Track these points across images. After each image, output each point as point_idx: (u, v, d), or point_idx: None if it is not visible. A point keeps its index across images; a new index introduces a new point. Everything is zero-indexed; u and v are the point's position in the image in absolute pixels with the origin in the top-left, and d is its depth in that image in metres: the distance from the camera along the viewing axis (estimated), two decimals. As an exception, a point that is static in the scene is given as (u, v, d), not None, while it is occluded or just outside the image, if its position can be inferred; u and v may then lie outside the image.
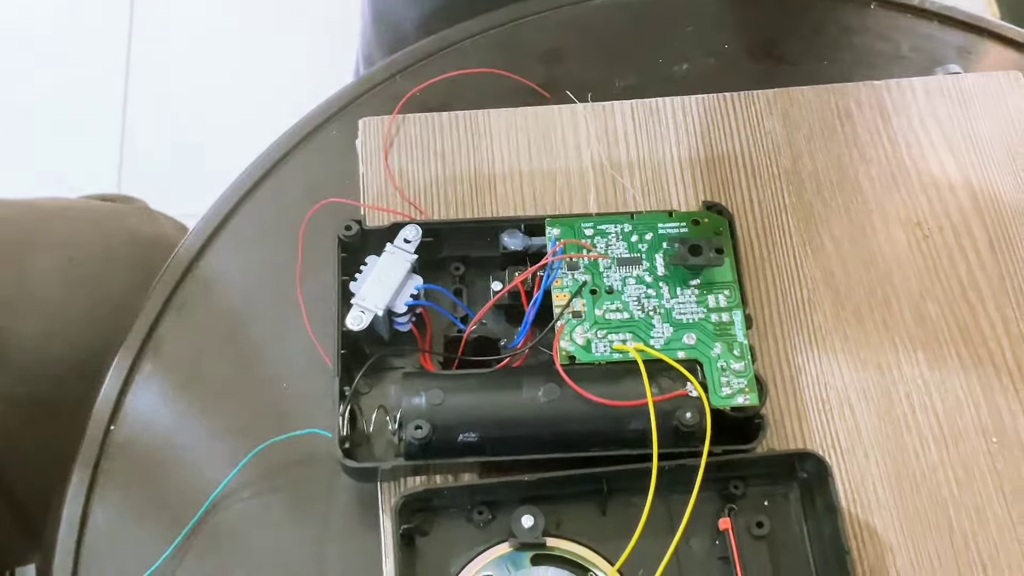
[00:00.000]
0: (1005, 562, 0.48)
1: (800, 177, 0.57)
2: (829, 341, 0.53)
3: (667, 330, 0.49)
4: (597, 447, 0.47)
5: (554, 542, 0.46)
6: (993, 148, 0.58)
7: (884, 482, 0.49)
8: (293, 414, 0.51)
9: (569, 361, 0.48)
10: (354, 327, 0.48)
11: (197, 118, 1.28)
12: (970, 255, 0.55)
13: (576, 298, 0.49)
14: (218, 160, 0.68)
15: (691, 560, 0.47)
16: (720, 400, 0.47)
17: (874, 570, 0.48)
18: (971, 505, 0.49)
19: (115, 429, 0.51)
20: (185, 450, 0.51)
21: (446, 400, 0.46)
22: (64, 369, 0.62)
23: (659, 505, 0.47)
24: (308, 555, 0.49)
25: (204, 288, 0.55)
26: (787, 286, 0.54)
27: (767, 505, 0.48)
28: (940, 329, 0.53)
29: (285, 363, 0.52)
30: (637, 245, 0.51)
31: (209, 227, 0.56)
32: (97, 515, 0.49)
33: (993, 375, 0.52)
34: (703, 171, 0.57)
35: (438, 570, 0.46)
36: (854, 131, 0.58)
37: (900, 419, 0.51)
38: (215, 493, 0.49)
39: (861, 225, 0.55)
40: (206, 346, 0.53)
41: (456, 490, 0.47)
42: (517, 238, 0.51)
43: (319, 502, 0.49)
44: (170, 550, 0.48)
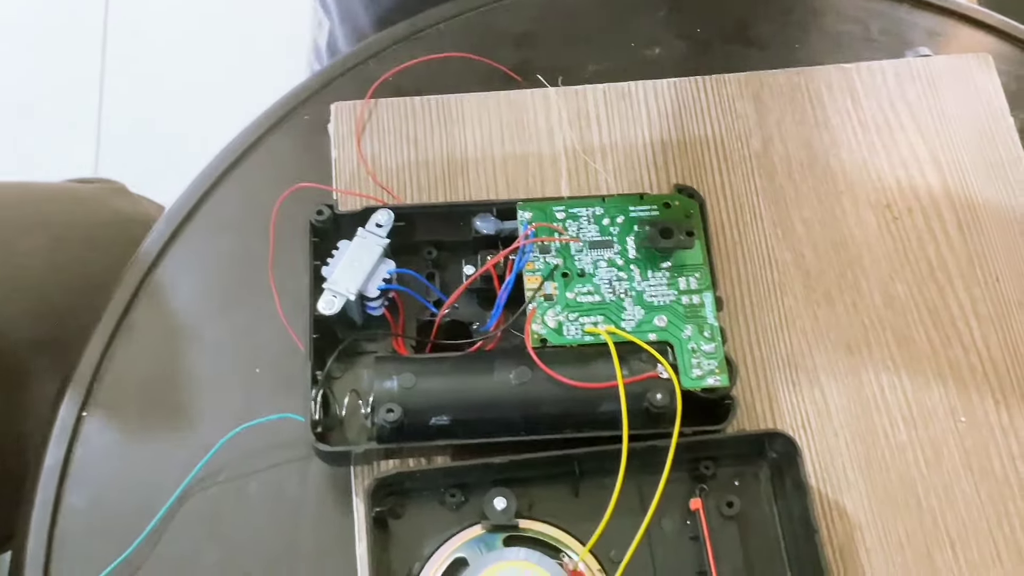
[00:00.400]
0: (973, 539, 0.49)
1: (771, 160, 0.57)
2: (799, 322, 0.53)
3: (638, 312, 0.49)
4: (569, 429, 0.47)
5: (526, 524, 0.47)
6: (962, 130, 0.58)
7: (853, 461, 0.50)
8: (266, 399, 0.51)
9: (541, 344, 0.48)
10: (326, 311, 0.48)
11: (173, 103, 1.28)
12: (939, 236, 0.55)
13: (548, 281, 0.50)
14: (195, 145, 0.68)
15: (662, 540, 0.47)
16: (691, 381, 0.48)
17: (843, 548, 0.48)
18: (939, 484, 0.50)
19: (87, 414, 0.51)
20: (158, 435, 0.51)
21: (418, 383, 0.47)
22: (55, 346, 0.62)
23: (631, 486, 0.47)
24: (282, 538, 0.49)
25: (176, 273, 0.55)
26: (758, 268, 0.54)
27: (737, 485, 0.48)
28: (909, 310, 0.53)
29: (258, 348, 0.52)
30: (608, 228, 0.51)
31: (181, 212, 0.56)
32: (72, 499, 0.49)
33: (961, 355, 0.53)
34: (675, 154, 0.57)
35: (411, 552, 0.46)
36: (825, 114, 0.58)
37: (869, 399, 0.51)
38: (189, 478, 0.49)
39: (831, 208, 0.56)
40: (179, 331, 0.53)
41: (428, 473, 0.47)
42: (489, 222, 0.51)
43: (293, 486, 0.50)
44: (143, 535, 0.48)
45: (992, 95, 0.60)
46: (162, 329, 0.53)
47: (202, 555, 0.48)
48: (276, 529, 0.49)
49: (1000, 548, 0.49)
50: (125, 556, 0.48)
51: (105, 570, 0.47)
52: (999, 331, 0.53)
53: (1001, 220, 0.56)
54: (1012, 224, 0.56)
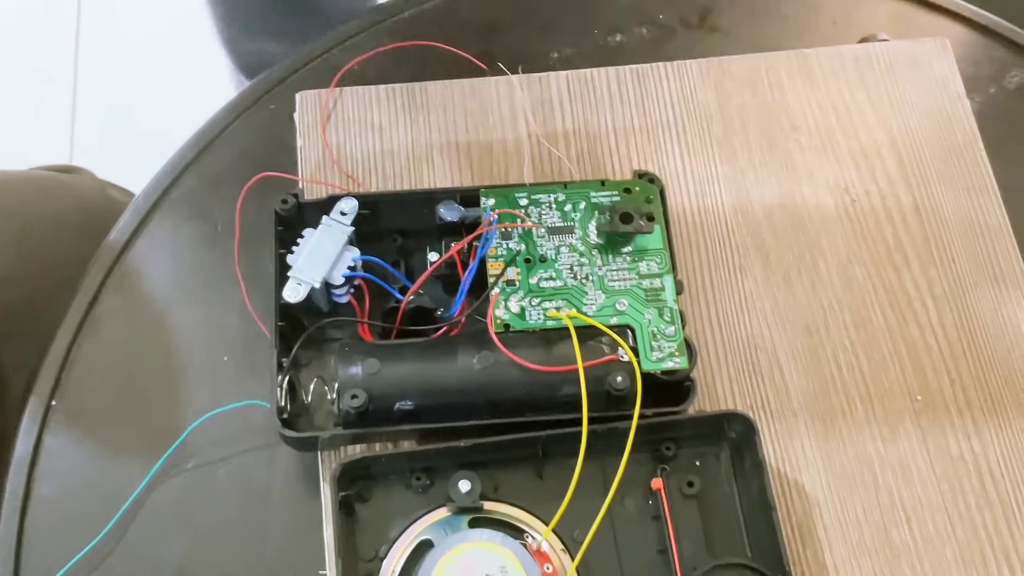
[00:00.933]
0: (928, 515, 0.50)
1: (732, 145, 0.58)
2: (759, 305, 0.54)
3: (600, 297, 0.50)
4: (532, 412, 0.48)
5: (491, 506, 0.48)
6: (919, 114, 0.59)
7: (812, 440, 0.51)
8: (234, 386, 0.51)
9: (504, 329, 0.49)
10: (291, 299, 0.48)
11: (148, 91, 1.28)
12: (896, 218, 0.56)
13: (511, 267, 0.50)
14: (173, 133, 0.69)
15: (624, 519, 0.48)
16: (651, 364, 0.49)
17: (801, 525, 0.49)
18: (896, 462, 0.51)
19: (56, 404, 0.51)
20: (127, 423, 0.51)
21: (382, 369, 0.47)
22: (21, 335, 0.62)
23: (594, 467, 0.48)
24: (250, 524, 0.49)
25: (143, 263, 0.55)
26: (718, 252, 0.55)
27: (698, 465, 0.49)
28: (867, 291, 0.54)
29: (225, 335, 0.53)
30: (570, 214, 0.52)
31: (148, 201, 0.56)
32: (41, 489, 0.50)
33: (918, 335, 0.54)
34: (637, 140, 0.58)
35: (378, 536, 0.47)
36: (784, 99, 0.59)
37: (828, 379, 0.52)
38: (157, 466, 0.49)
39: (791, 192, 0.57)
40: (146, 320, 0.54)
41: (394, 457, 0.48)
42: (453, 209, 0.52)
43: (261, 472, 0.50)
44: (112, 523, 0.48)
45: (949, 79, 0.60)
46: (130, 318, 0.54)
47: (171, 542, 0.49)
48: (244, 515, 0.50)
49: (955, 524, 0.50)
50: (94, 544, 0.48)
51: (74, 558, 0.48)
52: (955, 311, 0.54)
53: (957, 202, 0.57)
54: (968, 206, 0.57)
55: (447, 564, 0.44)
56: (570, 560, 0.47)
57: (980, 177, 0.58)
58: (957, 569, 0.49)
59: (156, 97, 1.27)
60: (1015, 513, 0.50)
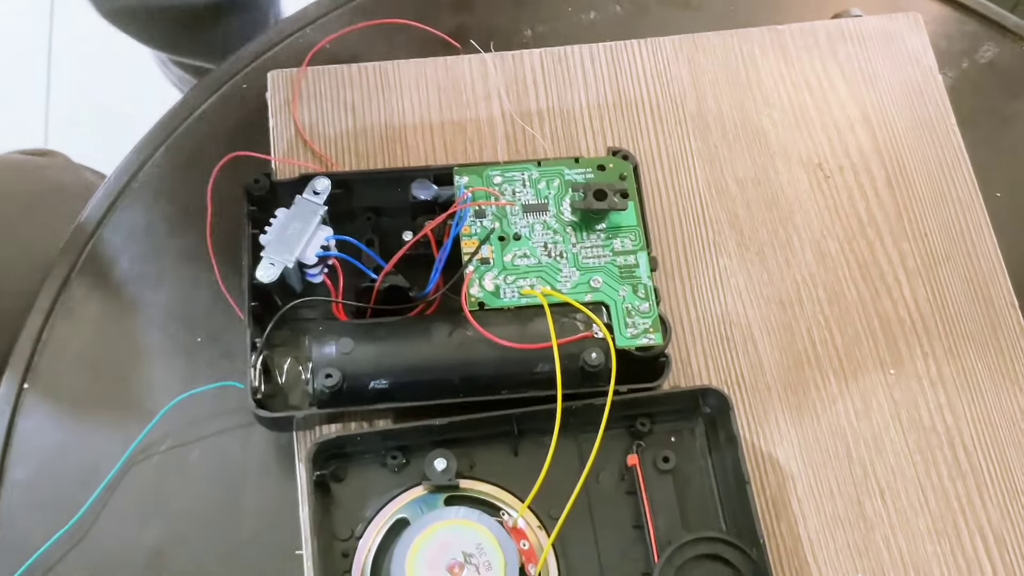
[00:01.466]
0: (901, 486, 0.50)
1: (705, 121, 0.58)
2: (733, 281, 0.54)
3: (574, 274, 0.50)
4: (507, 390, 0.48)
5: (467, 483, 0.48)
6: (892, 89, 0.59)
7: (786, 414, 0.51)
8: (208, 367, 0.51)
9: (478, 307, 0.49)
10: (264, 279, 0.48)
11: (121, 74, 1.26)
12: (869, 193, 0.56)
13: (484, 245, 0.50)
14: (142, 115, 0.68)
15: (600, 495, 0.48)
16: (625, 340, 0.49)
17: (776, 498, 0.50)
18: (869, 434, 0.51)
19: (28, 387, 0.51)
20: (101, 406, 0.51)
21: (356, 348, 0.47)
22: None
23: (570, 444, 0.49)
24: (226, 505, 0.49)
25: (115, 244, 0.55)
26: (693, 229, 0.55)
27: (673, 441, 0.49)
28: (840, 266, 0.55)
29: (198, 316, 0.53)
30: (544, 191, 0.52)
31: (119, 183, 0.56)
32: (15, 472, 0.50)
33: (891, 308, 0.54)
34: (610, 117, 0.58)
35: (353, 514, 0.47)
36: (758, 75, 0.59)
37: (802, 353, 0.53)
38: (131, 448, 0.49)
39: (764, 167, 0.57)
40: (118, 302, 0.54)
41: (369, 436, 0.48)
42: (427, 188, 0.52)
43: (236, 453, 0.50)
44: (87, 505, 0.48)
45: (922, 54, 0.61)
46: (102, 299, 0.53)
47: (147, 523, 0.49)
48: (220, 496, 0.49)
49: (928, 495, 0.50)
50: (69, 526, 0.48)
51: (49, 540, 0.48)
52: (927, 285, 0.54)
53: (930, 177, 0.57)
54: (940, 181, 0.57)
55: (423, 542, 0.44)
56: (546, 536, 0.47)
57: (952, 152, 0.58)
58: (931, 540, 0.49)
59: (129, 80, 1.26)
60: (987, 484, 0.50)
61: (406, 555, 0.44)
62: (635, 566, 0.47)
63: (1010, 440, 0.51)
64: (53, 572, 0.47)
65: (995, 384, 0.53)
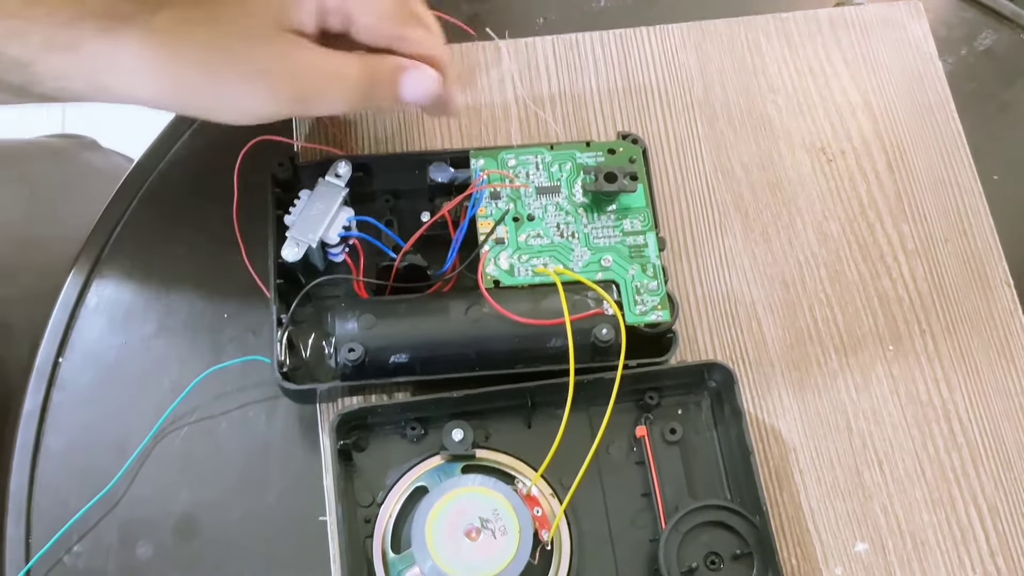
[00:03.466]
0: (899, 457, 0.52)
1: (712, 107, 0.60)
2: (738, 261, 0.56)
3: (585, 253, 0.52)
4: (521, 364, 0.50)
5: (483, 453, 0.50)
6: (894, 75, 0.61)
7: (788, 389, 0.53)
8: (234, 343, 0.53)
9: (494, 285, 0.51)
10: (289, 258, 0.50)
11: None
12: (870, 177, 0.58)
13: (499, 225, 0.52)
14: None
15: (610, 465, 0.50)
16: (635, 317, 0.51)
17: (778, 469, 0.52)
18: (868, 408, 0.53)
19: (63, 361, 0.53)
20: (132, 378, 0.53)
21: (378, 324, 0.49)
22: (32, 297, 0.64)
23: (581, 417, 0.51)
24: (253, 474, 0.51)
25: (146, 224, 0.57)
26: (699, 210, 0.57)
27: (680, 413, 0.52)
28: (841, 246, 0.57)
29: (225, 294, 0.55)
30: (556, 174, 0.54)
31: (149, 166, 0.58)
32: (49, 442, 0.52)
33: (890, 287, 0.56)
34: (620, 102, 0.60)
35: (375, 482, 0.49)
36: (763, 61, 0.61)
37: (803, 331, 0.55)
38: (162, 419, 0.51)
39: (769, 151, 0.59)
40: (148, 280, 0.55)
41: (390, 408, 0.50)
42: (443, 170, 0.54)
43: (261, 424, 0.52)
44: (120, 474, 0.50)
45: (922, 41, 0.62)
46: (132, 278, 0.55)
47: (176, 491, 0.51)
48: (247, 465, 0.52)
49: (924, 466, 0.52)
50: (103, 494, 0.50)
51: (84, 507, 0.50)
52: (925, 265, 0.56)
53: (929, 161, 0.59)
54: (939, 164, 0.59)
55: (442, 508, 0.46)
56: (559, 504, 0.49)
57: (951, 136, 0.60)
58: (927, 509, 0.51)
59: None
60: (981, 456, 0.52)
61: (426, 520, 0.46)
62: (643, 532, 0.49)
63: (1004, 413, 0.53)
64: (89, 535, 0.50)
65: (990, 360, 0.55)
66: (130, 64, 0.41)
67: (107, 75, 0.41)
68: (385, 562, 0.48)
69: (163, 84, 0.42)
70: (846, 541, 0.51)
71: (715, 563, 0.48)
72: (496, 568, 0.45)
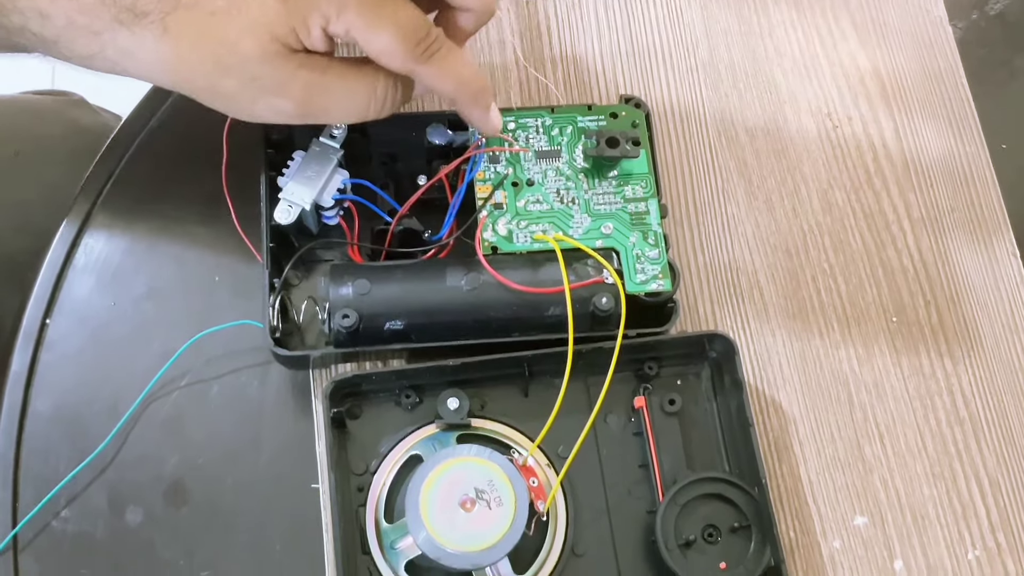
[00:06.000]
0: (900, 431, 0.52)
1: (717, 70, 0.59)
2: (741, 229, 0.55)
3: (585, 220, 0.51)
4: (518, 332, 0.49)
5: (479, 423, 0.49)
6: (902, 41, 0.60)
7: (789, 360, 0.53)
8: (226, 306, 0.52)
9: (491, 251, 0.50)
10: (282, 221, 0.49)
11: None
12: (876, 144, 0.57)
13: (498, 190, 0.51)
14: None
15: (608, 436, 0.50)
16: (635, 286, 0.50)
17: (778, 441, 0.51)
18: (870, 380, 0.53)
19: (51, 322, 0.52)
20: (121, 342, 0.52)
21: (372, 290, 0.48)
22: (16, 257, 0.62)
23: (579, 386, 0.50)
24: (244, 439, 0.51)
25: (132, 185, 0.55)
26: (702, 176, 0.56)
27: (679, 384, 0.51)
28: (846, 215, 0.56)
29: (216, 257, 0.54)
30: (557, 138, 0.52)
31: (137, 124, 0.57)
32: (36, 404, 0.51)
33: (895, 257, 0.55)
34: (623, 65, 0.58)
35: (368, 450, 0.48)
36: (769, 24, 0.60)
37: (806, 300, 0.54)
38: (151, 383, 0.50)
39: (774, 117, 0.58)
40: (136, 242, 0.54)
41: (384, 375, 0.49)
42: (442, 133, 0.52)
43: (253, 390, 0.51)
44: (109, 437, 0.50)
45: (932, 5, 0.61)
46: (121, 239, 0.54)
47: (166, 456, 0.50)
48: (238, 430, 0.51)
49: (925, 439, 0.52)
50: (92, 457, 0.49)
51: (73, 471, 0.49)
52: (931, 235, 0.55)
53: (937, 128, 0.58)
54: (947, 132, 0.58)
55: (437, 478, 0.46)
56: (555, 475, 0.48)
57: (960, 103, 0.59)
58: (927, 483, 0.51)
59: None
60: (983, 430, 0.52)
61: (420, 490, 0.45)
62: (640, 504, 0.49)
63: (1007, 388, 0.53)
64: (78, 500, 0.49)
65: (994, 333, 0.54)
66: (147, 57, 0.42)
67: (127, 62, 0.42)
68: (378, 531, 0.47)
69: (177, 81, 0.43)
70: (845, 514, 0.50)
71: (713, 536, 0.47)
72: (491, 539, 0.45)
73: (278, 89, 0.43)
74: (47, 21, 0.41)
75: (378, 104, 0.45)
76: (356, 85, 0.44)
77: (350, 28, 0.41)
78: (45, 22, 0.41)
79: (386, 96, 0.44)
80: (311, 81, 0.43)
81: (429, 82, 0.44)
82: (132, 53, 0.42)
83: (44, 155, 0.68)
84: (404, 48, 0.42)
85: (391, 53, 0.42)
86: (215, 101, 0.44)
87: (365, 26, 0.41)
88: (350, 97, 0.44)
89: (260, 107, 0.43)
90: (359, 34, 0.41)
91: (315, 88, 0.43)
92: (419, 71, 0.43)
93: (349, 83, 0.44)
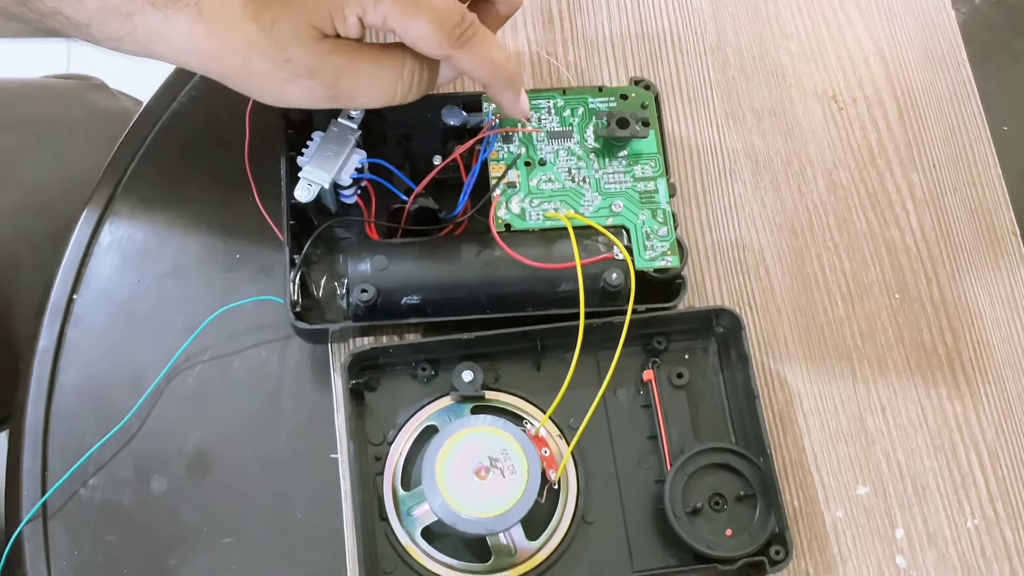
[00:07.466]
0: (902, 404, 0.53)
1: (724, 53, 0.60)
2: (748, 208, 0.56)
3: (596, 198, 0.52)
4: (531, 307, 0.51)
5: (492, 395, 0.51)
6: (906, 23, 0.61)
7: (794, 335, 0.54)
8: (247, 283, 0.54)
9: (505, 228, 0.51)
10: (302, 199, 0.50)
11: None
12: (881, 126, 0.59)
13: (511, 169, 0.52)
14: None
15: (617, 408, 0.51)
16: (644, 262, 0.51)
17: (783, 413, 0.52)
18: (873, 355, 0.54)
19: (77, 298, 0.54)
20: (145, 316, 0.53)
21: (390, 266, 0.50)
22: (39, 239, 0.64)
23: (589, 360, 0.51)
24: (265, 412, 0.52)
25: (157, 165, 0.57)
26: (710, 157, 0.57)
27: (687, 358, 0.52)
28: (851, 195, 0.57)
29: (237, 235, 0.55)
30: (569, 119, 0.54)
31: (159, 108, 0.58)
32: (63, 379, 0.52)
33: (898, 236, 0.56)
34: (633, 48, 0.59)
35: (385, 421, 0.50)
36: (776, 7, 0.61)
37: (811, 277, 0.55)
38: (175, 357, 0.52)
39: (780, 99, 0.59)
40: (161, 219, 0.56)
41: (401, 348, 0.50)
42: (456, 114, 0.54)
43: (274, 364, 0.53)
44: (134, 410, 0.51)
45: (936, -12, 0.62)
46: (144, 219, 0.56)
47: (189, 428, 0.52)
48: (259, 403, 0.52)
49: (927, 413, 0.53)
50: (118, 428, 0.51)
51: (98, 442, 0.51)
52: (933, 214, 0.57)
53: (940, 110, 0.59)
54: (950, 114, 0.59)
55: (452, 447, 0.47)
56: (566, 445, 0.50)
57: (962, 86, 0.60)
58: (928, 454, 0.52)
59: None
60: (983, 403, 0.53)
61: (436, 459, 0.47)
62: (649, 473, 0.50)
63: (1007, 362, 0.54)
64: (104, 469, 0.50)
65: (995, 309, 0.55)
66: (179, 42, 0.43)
67: (158, 45, 0.44)
68: (395, 498, 0.49)
69: (208, 65, 0.44)
70: (848, 484, 0.52)
71: (719, 504, 0.49)
72: (505, 506, 0.46)
73: (310, 73, 0.44)
74: (80, 4, 0.42)
75: (405, 88, 0.46)
76: (385, 70, 0.45)
77: (387, 16, 0.42)
78: (78, 5, 0.42)
79: (413, 80, 0.46)
80: (342, 65, 0.44)
81: (464, 66, 0.45)
82: (163, 35, 0.43)
83: (65, 138, 0.70)
84: (440, 34, 0.43)
85: (428, 39, 0.43)
86: (244, 84, 0.45)
87: (402, 14, 0.42)
88: (379, 82, 0.45)
89: (290, 90, 0.44)
90: (396, 22, 0.43)
91: (346, 72, 0.44)
92: (455, 56, 0.44)
93: (379, 68, 0.45)
